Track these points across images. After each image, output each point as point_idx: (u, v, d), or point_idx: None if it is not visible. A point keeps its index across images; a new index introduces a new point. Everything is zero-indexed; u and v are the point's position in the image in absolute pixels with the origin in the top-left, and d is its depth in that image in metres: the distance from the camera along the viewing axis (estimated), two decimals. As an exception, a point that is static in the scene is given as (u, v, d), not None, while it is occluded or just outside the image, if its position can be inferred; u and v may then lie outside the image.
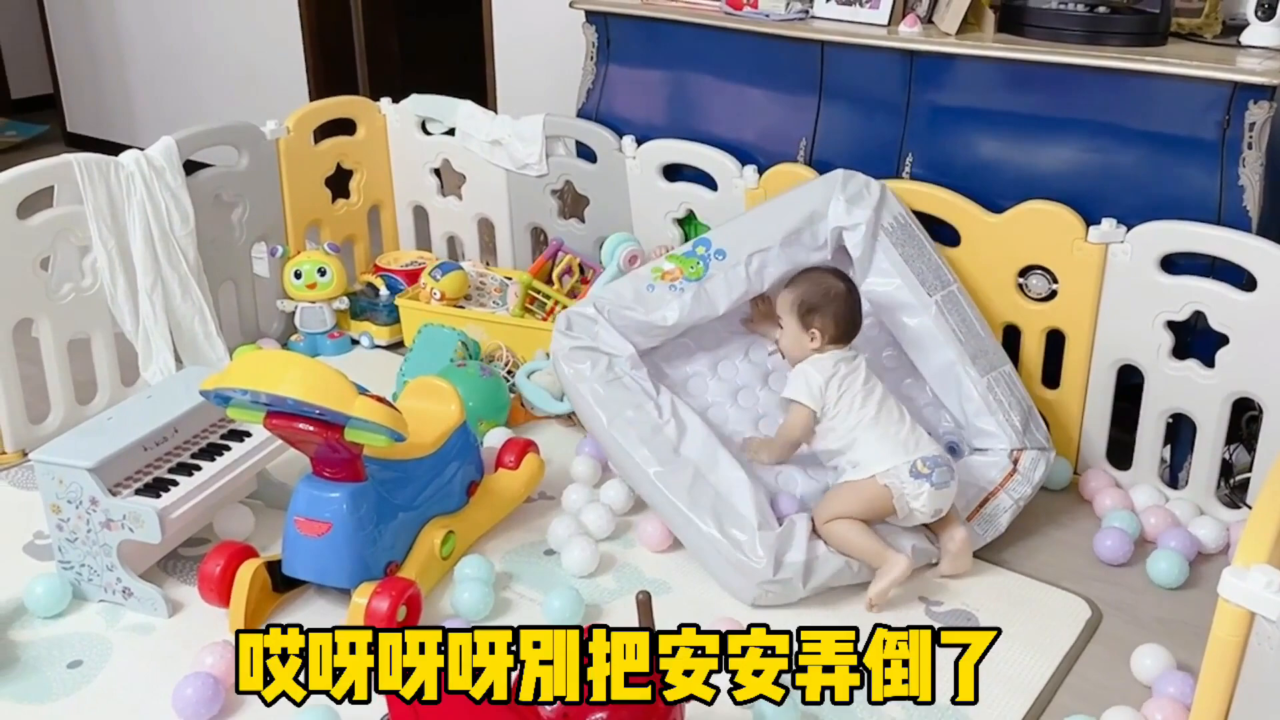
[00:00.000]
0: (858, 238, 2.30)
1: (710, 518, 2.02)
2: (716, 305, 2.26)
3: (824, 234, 2.33)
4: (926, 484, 2.00)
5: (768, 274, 2.29)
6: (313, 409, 1.75)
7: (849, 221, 2.31)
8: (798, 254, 2.31)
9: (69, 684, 1.82)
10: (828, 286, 2.18)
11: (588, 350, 2.20)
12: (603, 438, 2.17)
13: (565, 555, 2.10)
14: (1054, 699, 1.79)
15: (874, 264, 2.31)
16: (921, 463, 2.01)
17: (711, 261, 2.28)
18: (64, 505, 1.93)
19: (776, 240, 2.30)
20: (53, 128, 5.52)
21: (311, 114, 3.12)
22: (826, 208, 2.33)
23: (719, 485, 2.07)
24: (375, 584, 1.85)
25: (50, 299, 2.52)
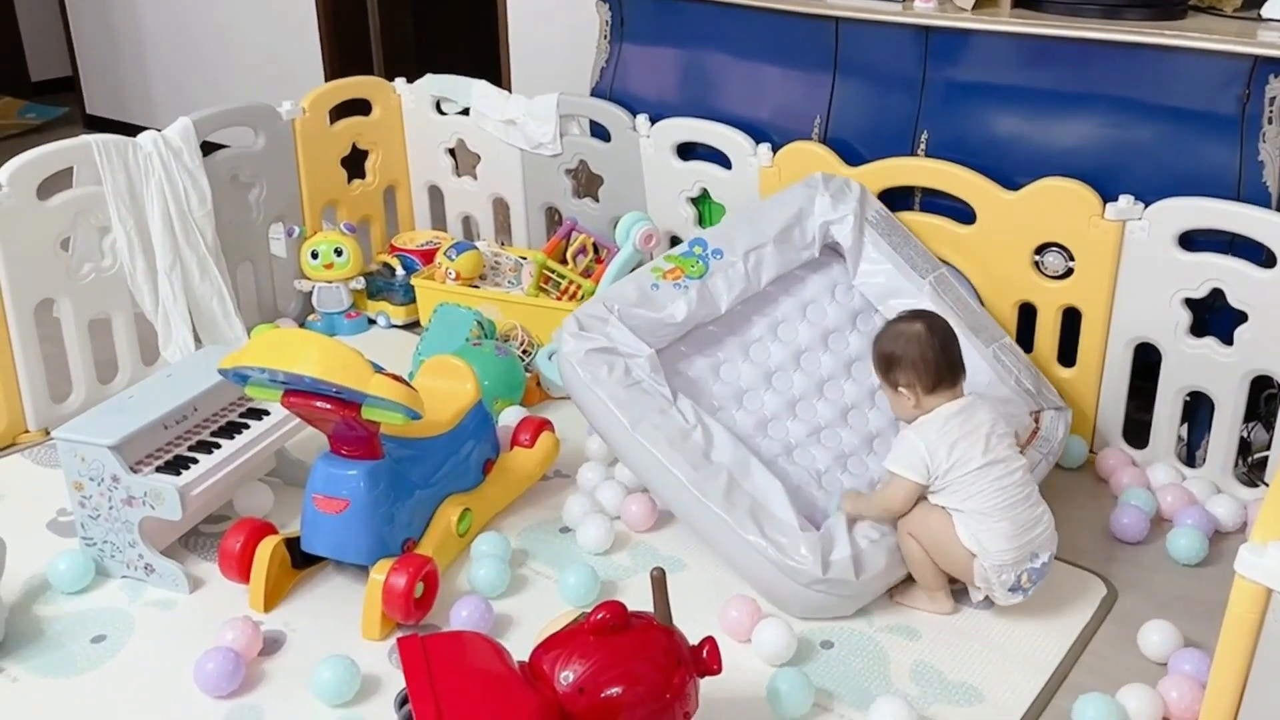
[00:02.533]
0: (845, 229, 2.34)
1: (751, 523, 1.91)
2: (719, 303, 2.23)
3: (812, 231, 2.35)
4: (1019, 596, 1.85)
5: (764, 271, 2.29)
6: (330, 387, 1.76)
7: (835, 215, 2.35)
8: (789, 252, 2.32)
9: (92, 658, 1.84)
10: (900, 332, 1.94)
11: (604, 353, 2.10)
12: (625, 444, 2.05)
13: (581, 533, 2.11)
14: (1069, 676, 1.79)
15: (864, 254, 2.35)
16: (1027, 576, 1.83)
17: (710, 260, 2.27)
18: (86, 482, 1.95)
19: (770, 237, 2.31)
20: (72, 110, 5.55)
21: (327, 94, 3.13)
22: (812, 205, 2.37)
23: (754, 492, 1.97)
24: (393, 560, 1.87)
25: (71, 279, 2.54)
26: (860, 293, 2.36)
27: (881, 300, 2.34)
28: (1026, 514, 1.84)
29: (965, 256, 2.41)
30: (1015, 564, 1.82)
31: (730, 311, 2.26)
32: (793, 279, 2.35)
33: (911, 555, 1.91)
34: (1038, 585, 1.86)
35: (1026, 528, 1.83)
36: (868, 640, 1.86)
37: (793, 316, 2.32)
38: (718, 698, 1.65)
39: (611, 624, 1.44)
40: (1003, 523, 1.82)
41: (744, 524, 1.92)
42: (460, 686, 1.40)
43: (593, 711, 1.41)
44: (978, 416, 1.89)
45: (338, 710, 1.71)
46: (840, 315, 2.34)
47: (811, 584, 1.87)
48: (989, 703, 1.73)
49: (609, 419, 2.06)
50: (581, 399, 2.11)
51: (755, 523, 1.92)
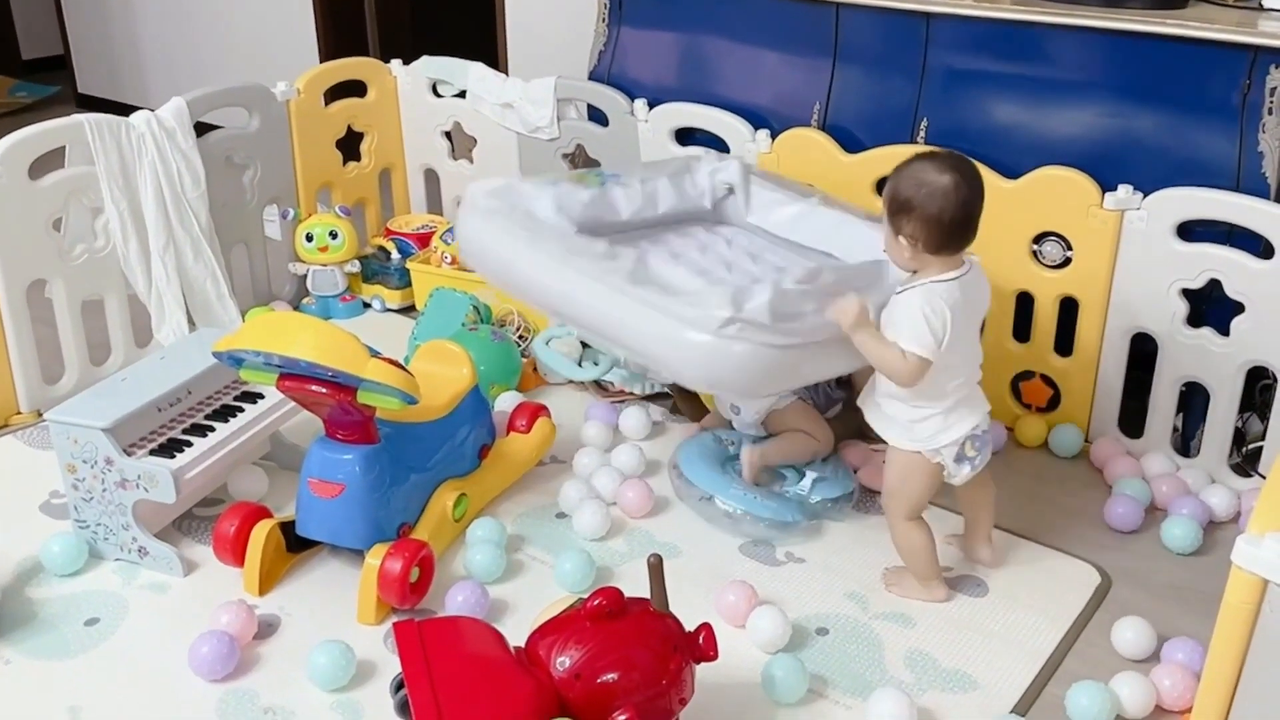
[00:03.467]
0: (732, 171, 2.45)
1: (657, 294, 1.86)
2: (619, 210, 2.30)
3: (702, 181, 2.46)
4: (967, 467, 1.85)
5: (660, 199, 2.38)
6: (325, 371, 1.75)
7: (720, 164, 2.47)
8: (683, 190, 2.43)
9: (86, 641, 1.84)
10: (925, 180, 1.70)
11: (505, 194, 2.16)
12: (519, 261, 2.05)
13: (576, 518, 2.11)
14: (1062, 664, 1.80)
15: (752, 193, 2.45)
16: (970, 444, 1.82)
17: (607, 178, 2.35)
18: (79, 465, 1.95)
19: (664, 173, 2.43)
20: (63, 89, 5.51)
21: (322, 75, 3.11)
22: (698, 162, 2.49)
23: (659, 276, 1.94)
24: (388, 545, 1.87)
25: (63, 260, 2.52)
26: (755, 227, 2.43)
27: (780, 226, 2.40)
28: (972, 386, 1.83)
29: (963, 245, 2.41)
30: (958, 439, 1.80)
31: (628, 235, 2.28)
32: (687, 230, 2.42)
33: (911, 544, 1.91)
34: (984, 457, 1.85)
35: (970, 398, 1.82)
36: (863, 627, 1.87)
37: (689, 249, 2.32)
38: (713, 684, 1.65)
39: (608, 610, 1.44)
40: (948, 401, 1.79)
41: (649, 298, 1.87)
42: (456, 671, 1.40)
43: (589, 697, 1.41)
44: (976, 293, 1.79)
45: (333, 694, 1.71)
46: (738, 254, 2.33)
47: (721, 327, 1.75)
48: (983, 690, 1.73)
49: (501, 243, 2.09)
50: (475, 238, 2.14)
51: (662, 290, 1.88)
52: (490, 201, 2.15)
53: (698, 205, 2.44)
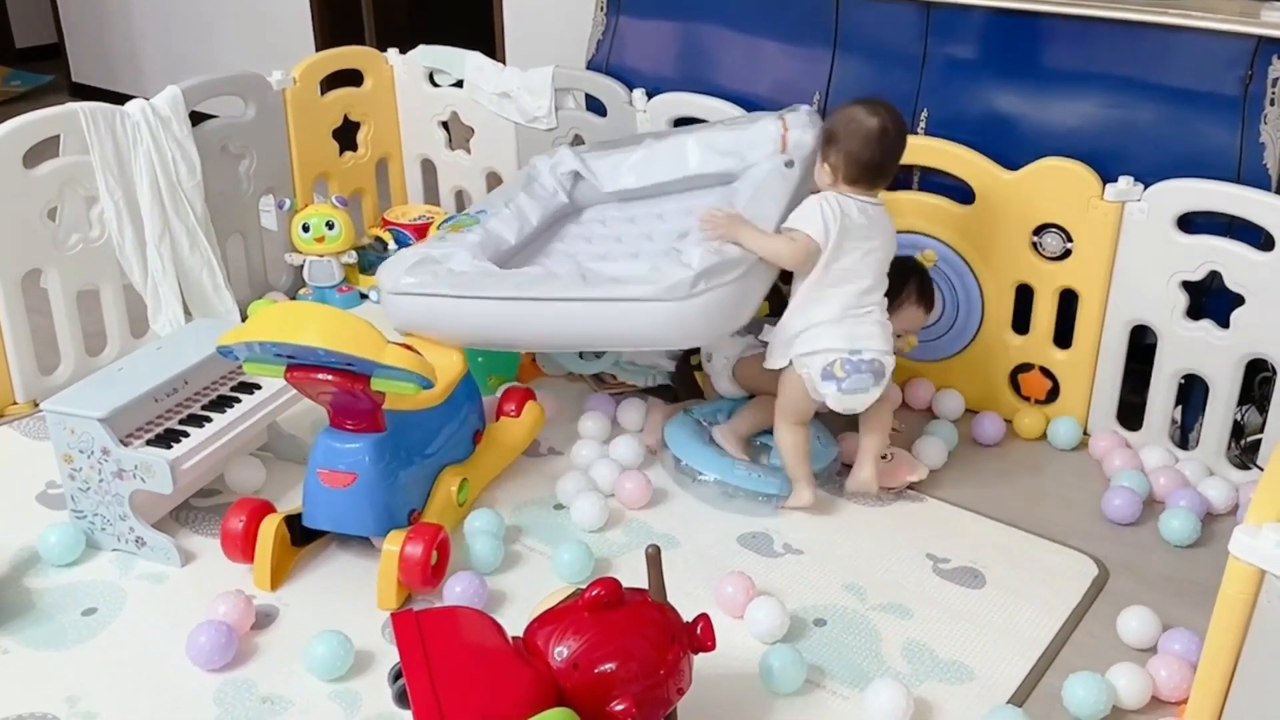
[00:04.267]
0: (568, 160, 2.58)
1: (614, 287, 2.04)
2: (507, 239, 2.38)
3: (550, 182, 2.58)
4: (833, 386, 2.02)
5: (530, 213, 2.48)
6: (344, 358, 1.75)
7: (554, 159, 2.60)
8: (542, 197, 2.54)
9: (83, 631, 1.84)
10: (854, 117, 2.02)
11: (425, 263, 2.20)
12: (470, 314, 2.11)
13: (574, 510, 2.10)
14: (1059, 655, 1.80)
15: (595, 167, 2.57)
16: (840, 364, 1.99)
17: (479, 216, 2.43)
18: (76, 455, 1.94)
19: (518, 191, 2.54)
20: (57, 78, 5.49)
21: (318, 64, 3.09)
22: (536, 168, 2.61)
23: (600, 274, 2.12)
24: (405, 531, 1.87)
25: (58, 249, 2.51)
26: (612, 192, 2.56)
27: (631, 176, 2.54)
28: (856, 316, 2.02)
29: (963, 236, 2.40)
30: (827, 352, 1.99)
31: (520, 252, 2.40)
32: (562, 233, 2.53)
33: (782, 445, 2.09)
34: (855, 384, 2.00)
35: (850, 326, 2.01)
36: (860, 618, 1.87)
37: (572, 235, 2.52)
38: (711, 674, 1.65)
39: (606, 600, 1.44)
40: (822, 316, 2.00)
41: (609, 290, 2.04)
42: (454, 661, 1.40)
43: (587, 687, 1.41)
44: (877, 226, 2.04)
45: (331, 684, 1.71)
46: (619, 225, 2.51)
47: (693, 288, 1.98)
48: (980, 681, 1.73)
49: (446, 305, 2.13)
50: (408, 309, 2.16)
51: (617, 284, 2.05)
52: (409, 279, 2.17)
53: (557, 203, 2.56)
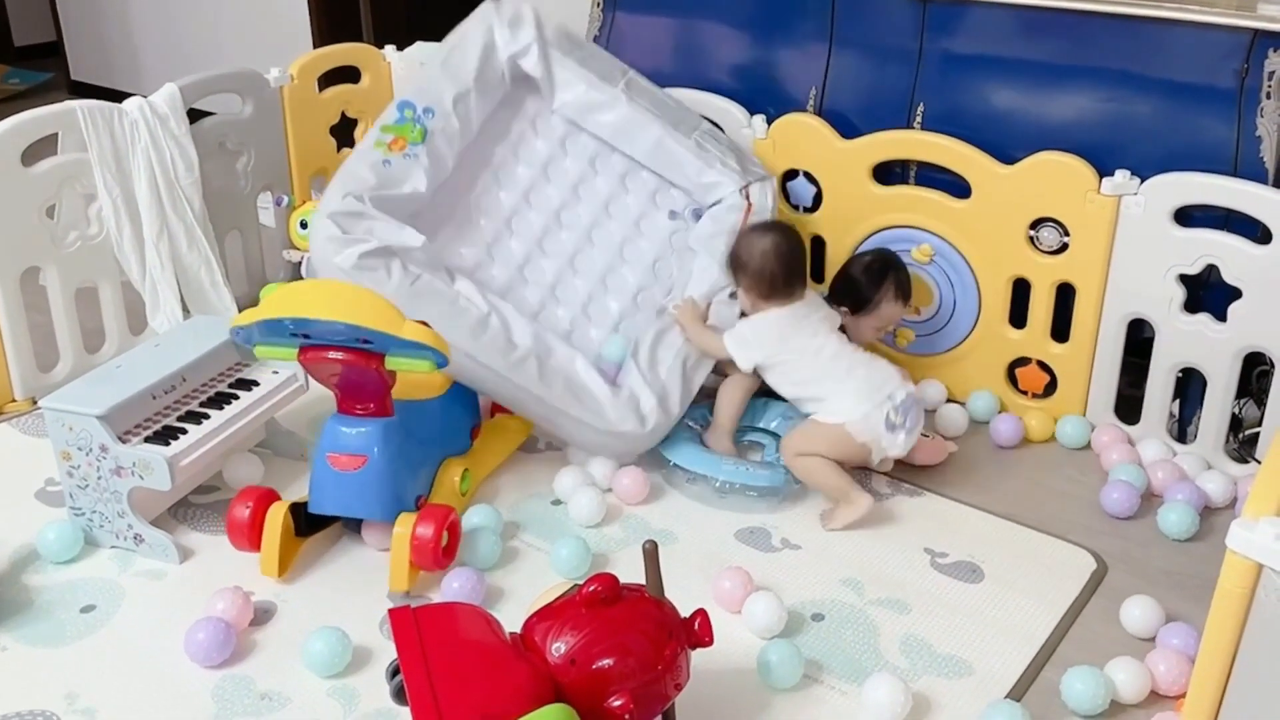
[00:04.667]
0: (532, 59, 2.41)
1: (571, 399, 2.11)
2: (446, 163, 2.27)
3: (501, 67, 2.40)
4: (901, 433, 2.09)
5: (474, 117, 2.34)
6: (364, 333, 1.75)
7: (518, 46, 2.41)
8: (489, 92, 2.38)
9: (82, 628, 1.84)
10: (751, 242, 2.21)
11: (377, 256, 2.07)
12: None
13: (572, 505, 2.10)
14: (1058, 649, 1.80)
15: (555, 78, 2.43)
16: (894, 412, 2.07)
17: (426, 121, 2.27)
18: (74, 452, 1.94)
19: (471, 83, 2.34)
20: (56, 75, 5.48)
21: (315, 61, 3.09)
22: (494, 39, 2.40)
23: (559, 367, 2.14)
24: (415, 514, 1.88)
25: (57, 247, 2.51)
26: (561, 116, 2.46)
27: (585, 118, 2.45)
28: (864, 372, 2.12)
29: (960, 230, 2.40)
30: (877, 409, 2.06)
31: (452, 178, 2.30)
32: (494, 126, 2.42)
33: (809, 471, 2.09)
34: (913, 419, 2.10)
35: (871, 383, 2.10)
36: (858, 613, 1.87)
37: (508, 160, 2.40)
38: (709, 669, 1.65)
39: (603, 596, 1.44)
40: (847, 384, 2.10)
41: (565, 401, 2.10)
42: (452, 657, 1.40)
43: (584, 682, 1.41)
44: (810, 316, 2.19)
45: (329, 680, 1.71)
46: (550, 145, 2.45)
47: (633, 442, 2.14)
48: (978, 675, 1.74)
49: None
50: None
51: (574, 397, 2.11)
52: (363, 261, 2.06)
53: (501, 93, 2.40)
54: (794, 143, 2.57)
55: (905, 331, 2.56)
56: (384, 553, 2.00)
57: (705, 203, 2.44)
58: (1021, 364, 2.45)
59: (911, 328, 2.55)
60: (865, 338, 2.40)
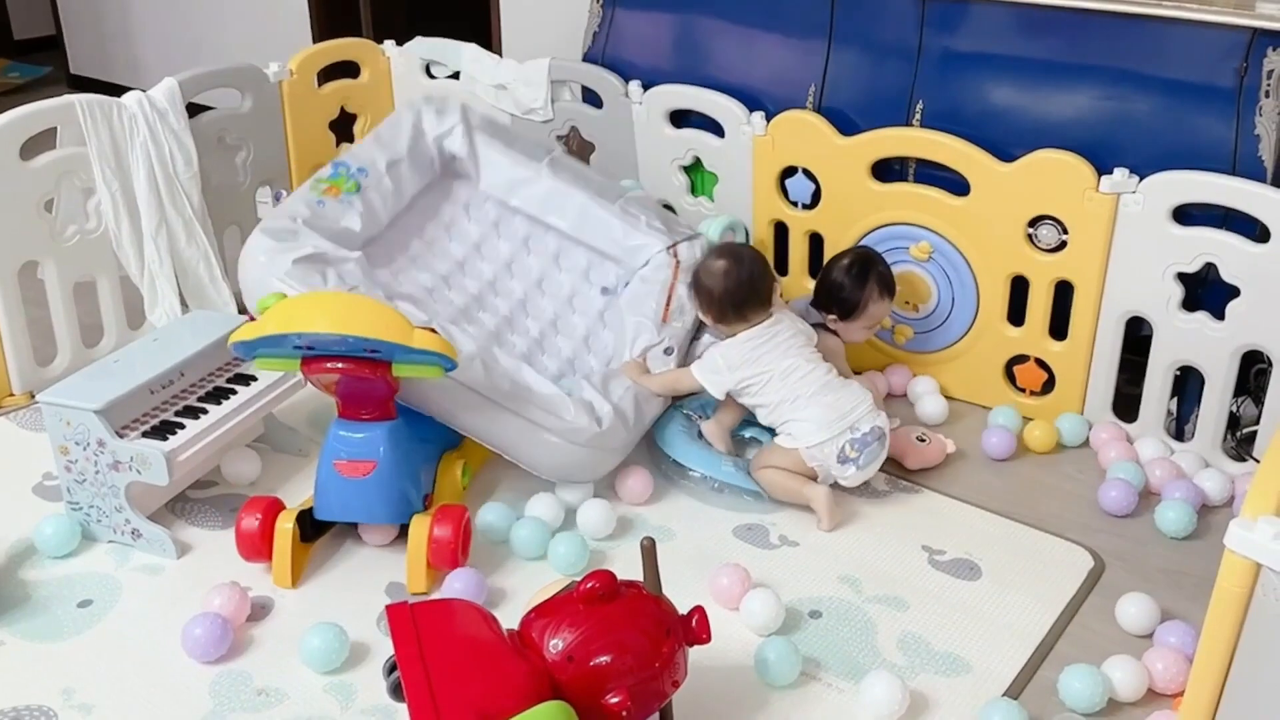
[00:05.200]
0: (457, 140, 2.48)
1: (519, 401, 2.03)
2: (380, 217, 2.30)
3: (431, 149, 2.47)
4: (853, 467, 2.08)
5: (407, 187, 2.39)
6: (371, 344, 1.75)
7: (444, 128, 2.48)
8: (423, 168, 2.44)
9: (79, 623, 1.84)
10: (708, 268, 2.22)
11: (311, 261, 2.10)
12: None
13: (580, 514, 2.06)
14: (1055, 647, 1.80)
15: (481, 157, 2.50)
16: (850, 446, 2.06)
17: (359, 178, 2.32)
18: (72, 447, 1.94)
19: (404, 153, 2.41)
20: (55, 69, 5.47)
21: (315, 56, 3.08)
22: (422, 123, 2.47)
23: (506, 372, 2.08)
24: (428, 515, 1.89)
25: (55, 241, 2.51)
26: (491, 199, 2.50)
27: (510, 195, 2.49)
28: (830, 398, 2.09)
29: (958, 228, 2.40)
30: (834, 440, 2.06)
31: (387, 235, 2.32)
32: (427, 205, 2.46)
33: (769, 482, 2.11)
34: (869, 457, 2.08)
35: (834, 405, 2.08)
36: (856, 610, 1.87)
37: (441, 238, 2.43)
38: (706, 666, 1.65)
39: (601, 593, 1.44)
40: (810, 409, 2.08)
41: (512, 402, 2.02)
42: (449, 654, 1.40)
43: (582, 680, 1.41)
44: (777, 346, 2.14)
45: (326, 676, 1.71)
46: (483, 228, 2.48)
47: (589, 441, 2.04)
48: (976, 673, 1.74)
49: None
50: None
51: (522, 399, 2.03)
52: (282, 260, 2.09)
53: (431, 175, 2.46)
54: (793, 140, 2.57)
55: (903, 329, 2.56)
56: (381, 549, 2.00)
57: (635, 267, 2.45)
58: (1020, 361, 2.45)
59: (910, 325, 2.56)
60: (857, 339, 2.42)
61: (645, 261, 2.43)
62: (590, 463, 2.09)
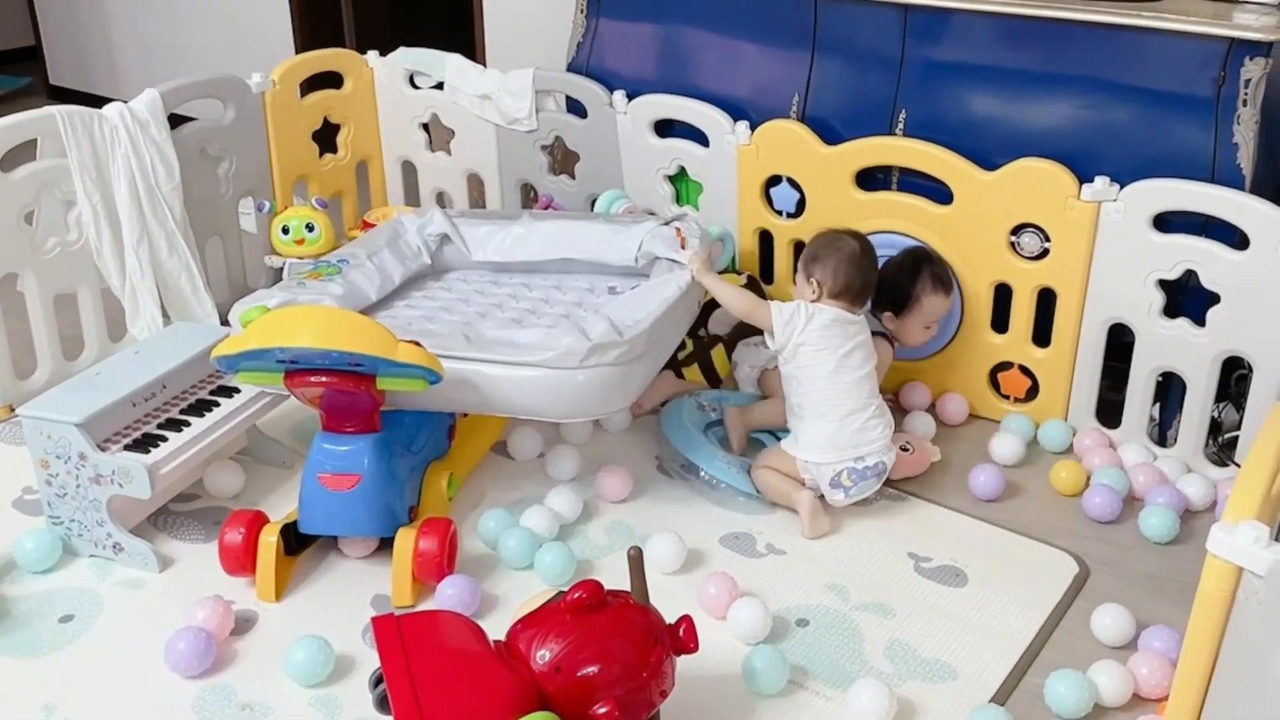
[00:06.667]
0: (438, 222, 2.56)
1: (501, 349, 1.95)
2: (367, 294, 2.34)
3: (415, 241, 2.55)
4: (842, 494, 2.10)
5: (392, 270, 2.44)
6: (355, 359, 1.74)
7: (424, 219, 2.58)
8: (406, 257, 2.51)
9: (61, 638, 1.82)
10: (836, 241, 2.20)
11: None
12: None
13: (551, 501, 2.09)
14: (1041, 653, 1.80)
15: (465, 233, 2.57)
16: (846, 474, 2.07)
17: (340, 265, 2.38)
18: (53, 460, 1.92)
19: (382, 245, 2.48)
20: (35, 81, 5.44)
21: (298, 67, 3.08)
22: (403, 224, 2.58)
23: (491, 334, 2.04)
24: (413, 528, 1.88)
25: (35, 253, 2.49)
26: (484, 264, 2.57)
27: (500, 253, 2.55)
28: (856, 421, 2.08)
29: (942, 236, 2.42)
30: (835, 463, 2.06)
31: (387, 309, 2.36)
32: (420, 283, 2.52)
33: (762, 481, 2.13)
34: (862, 489, 2.09)
35: (852, 432, 2.08)
36: (842, 618, 1.87)
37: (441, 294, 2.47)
38: (694, 675, 1.65)
39: (588, 603, 1.44)
40: (825, 424, 2.08)
41: (495, 352, 1.95)
42: (435, 665, 1.39)
43: (569, 690, 1.40)
44: (849, 340, 2.11)
45: (311, 690, 1.70)
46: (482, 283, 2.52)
47: (582, 361, 1.91)
48: (963, 679, 1.74)
49: None
50: None
51: (504, 348, 1.96)
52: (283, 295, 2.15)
53: (420, 263, 2.54)
54: (777, 149, 2.58)
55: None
56: (366, 561, 1.99)
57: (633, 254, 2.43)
58: (1004, 369, 2.47)
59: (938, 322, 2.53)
60: (915, 339, 2.39)
61: (639, 243, 2.41)
62: (598, 388, 1.95)
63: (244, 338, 1.78)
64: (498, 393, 1.96)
